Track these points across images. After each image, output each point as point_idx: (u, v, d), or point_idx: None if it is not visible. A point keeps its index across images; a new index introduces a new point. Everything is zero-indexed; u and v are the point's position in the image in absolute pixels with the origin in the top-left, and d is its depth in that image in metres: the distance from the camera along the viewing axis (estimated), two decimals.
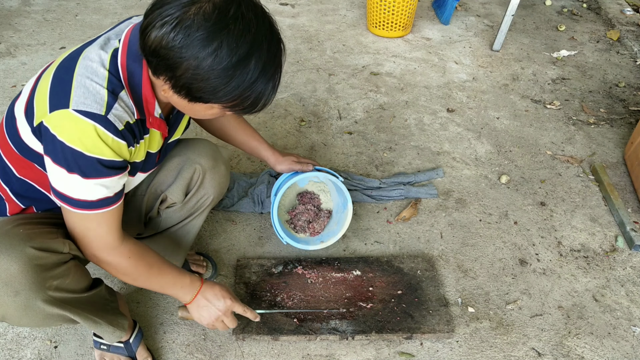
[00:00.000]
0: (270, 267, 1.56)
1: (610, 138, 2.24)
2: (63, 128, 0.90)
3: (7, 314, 0.98)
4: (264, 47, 0.90)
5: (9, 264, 0.93)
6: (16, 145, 1.03)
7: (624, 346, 1.46)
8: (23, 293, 0.95)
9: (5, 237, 0.96)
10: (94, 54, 0.96)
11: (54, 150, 0.92)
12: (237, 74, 0.88)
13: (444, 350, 1.42)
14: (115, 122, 0.94)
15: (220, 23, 0.85)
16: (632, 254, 1.73)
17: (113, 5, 3.12)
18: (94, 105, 0.91)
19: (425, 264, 1.60)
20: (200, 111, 1.00)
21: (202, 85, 0.89)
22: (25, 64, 2.52)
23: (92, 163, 0.93)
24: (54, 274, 0.99)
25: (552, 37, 3.02)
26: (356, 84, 2.51)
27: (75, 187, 0.95)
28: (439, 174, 1.99)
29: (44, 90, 0.94)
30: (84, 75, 0.93)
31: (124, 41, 0.98)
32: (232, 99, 0.92)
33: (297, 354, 1.39)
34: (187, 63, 0.86)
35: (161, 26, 0.85)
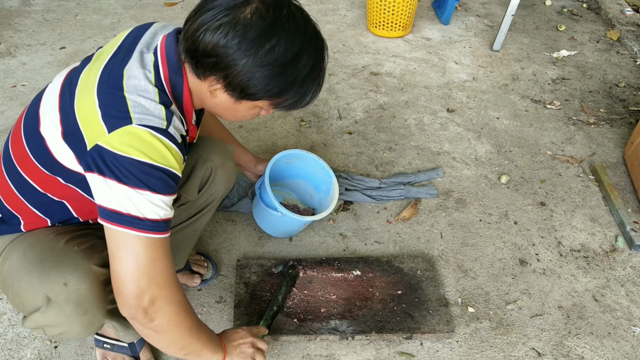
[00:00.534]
0: (270, 267, 1.56)
1: (610, 138, 2.24)
2: (128, 143, 0.87)
3: (70, 331, 1.01)
4: (312, 44, 0.95)
5: (78, 284, 0.95)
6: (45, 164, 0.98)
7: (624, 346, 1.46)
8: (91, 311, 0.99)
9: (67, 257, 0.97)
10: (137, 71, 0.93)
11: (115, 168, 0.86)
12: (291, 70, 0.93)
13: (444, 350, 1.42)
14: (175, 135, 0.93)
15: (277, 21, 0.89)
16: (632, 254, 1.73)
17: (113, 5, 3.13)
18: (155, 119, 0.90)
19: (425, 264, 1.60)
20: (242, 111, 1.01)
21: (257, 82, 0.92)
22: (25, 64, 2.52)
23: (160, 176, 0.89)
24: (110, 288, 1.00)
25: (552, 37, 3.02)
26: (356, 84, 2.51)
27: (143, 205, 0.88)
28: (439, 174, 1.99)
29: (90, 111, 0.89)
30: (135, 94, 0.90)
31: (161, 54, 0.97)
32: (282, 94, 0.96)
33: (297, 354, 1.39)
34: (245, 60, 0.89)
35: (217, 27, 0.88)
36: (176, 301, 0.96)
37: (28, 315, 1.02)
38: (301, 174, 1.73)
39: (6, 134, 2.07)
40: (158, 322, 0.95)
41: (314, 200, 1.75)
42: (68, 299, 0.96)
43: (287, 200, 1.79)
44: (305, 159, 1.65)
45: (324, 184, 1.68)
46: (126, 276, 0.90)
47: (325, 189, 1.67)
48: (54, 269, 0.97)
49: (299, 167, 1.71)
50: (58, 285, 0.96)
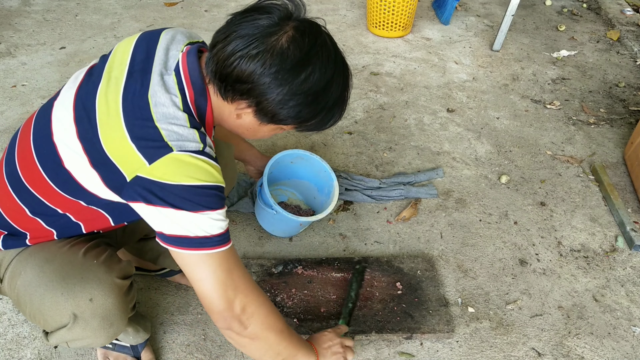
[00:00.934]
0: (270, 267, 1.56)
1: (610, 138, 2.24)
2: (176, 171, 0.87)
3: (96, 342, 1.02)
4: (341, 72, 0.96)
5: (104, 300, 0.96)
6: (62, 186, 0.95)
7: (624, 346, 1.46)
8: (116, 323, 1.00)
9: (89, 272, 0.98)
10: (163, 98, 0.91)
11: (169, 197, 0.86)
12: (322, 97, 0.93)
13: (444, 350, 1.42)
14: (211, 153, 0.94)
15: (312, 50, 0.90)
16: (632, 254, 1.73)
17: (113, 5, 3.13)
18: (192, 144, 0.89)
19: (425, 264, 1.60)
20: (264, 132, 1.02)
21: (290, 109, 0.92)
22: (25, 64, 2.52)
23: (213, 193, 0.90)
24: (130, 297, 1.03)
25: (552, 37, 3.02)
26: (356, 84, 2.51)
27: (207, 224, 0.90)
28: (439, 174, 1.99)
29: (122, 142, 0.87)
30: (167, 122, 0.89)
31: (185, 76, 0.95)
32: (309, 120, 0.97)
33: None
34: (281, 89, 0.89)
35: (254, 56, 0.87)
36: (264, 304, 0.99)
37: (52, 331, 1.03)
38: (306, 175, 1.73)
39: (6, 134, 2.07)
40: (252, 328, 0.97)
41: (317, 202, 1.74)
42: (94, 314, 0.97)
43: (290, 200, 1.79)
44: (309, 159, 1.65)
45: (326, 186, 1.68)
46: (212, 294, 0.93)
47: (327, 191, 1.67)
48: (78, 284, 0.97)
49: (304, 168, 1.70)
50: (84, 301, 0.97)
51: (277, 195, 1.79)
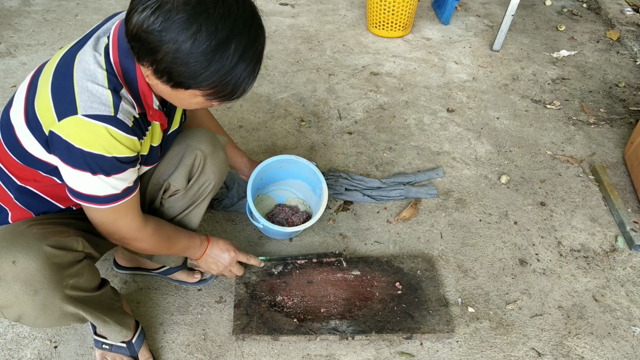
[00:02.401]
0: (270, 267, 1.56)
1: (610, 138, 2.24)
2: (77, 135, 0.92)
3: (25, 313, 0.99)
4: (244, 33, 0.90)
5: (27, 263, 0.94)
6: (18, 155, 1.03)
7: (624, 346, 1.46)
8: (42, 292, 0.96)
9: (21, 237, 0.97)
10: (88, 55, 0.96)
11: (72, 156, 0.94)
12: (216, 58, 0.89)
13: (444, 350, 1.42)
14: (125, 120, 0.96)
15: (200, 7, 0.86)
16: (632, 254, 1.73)
17: (113, 5, 3.13)
18: (101, 107, 0.93)
19: (425, 264, 1.60)
20: (184, 99, 1.00)
21: (181, 69, 0.90)
22: (25, 64, 2.52)
23: (111, 162, 0.97)
24: (70, 273, 1.01)
25: (552, 37, 3.02)
26: (356, 84, 2.51)
27: (100, 186, 0.99)
28: (439, 174, 1.99)
29: (45, 98, 0.94)
30: (84, 79, 0.93)
31: (112, 38, 0.99)
32: (211, 84, 0.93)
33: (297, 354, 1.39)
34: (167, 46, 0.87)
35: (142, 10, 0.87)
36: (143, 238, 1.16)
37: None
38: (298, 175, 1.73)
39: None
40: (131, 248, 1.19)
41: (313, 201, 1.74)
42: (16, 277, 0.94)
43: (289, 199, 1.79)
44: (296, 163, 1.63)
45: (317, 187, 1.66)
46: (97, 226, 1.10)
47: (319, 193, 1.65)
48: (5, 248, 0.96)
49: (294, 171, 1.70)
50: (7, 263, 0.94)
51: (276, 197, 1.79)
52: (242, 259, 1.44)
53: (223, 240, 1.40)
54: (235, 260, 1.42)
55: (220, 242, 1.39)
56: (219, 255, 1.39)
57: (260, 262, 1.50)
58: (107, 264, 1.57)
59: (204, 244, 1.36)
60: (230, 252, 1.40)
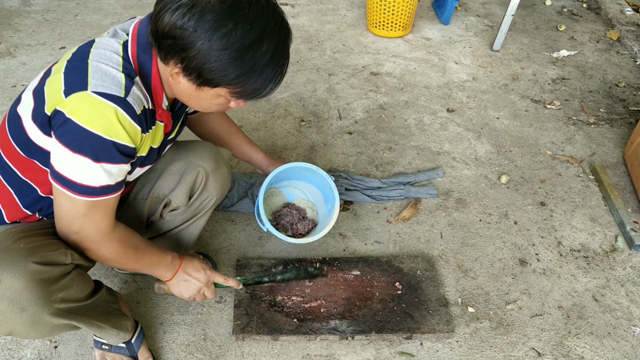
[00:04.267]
0: (270, 267, 1.56)
1: (610, 138, 2.24)
2: (81, 110, 0.90)
3: (15, 329, 0.98)
4: (275, 33, 0.93)
5: (12, 281, 0.93)
6: (21, 146, 1.02)
7: (624, 346, 1.46)
8: (29, 309, 0.95)
9: (7, 254, 0.95)
10: (105, 42, 0.97)
11: (66, 132, 0.91)
12: (248, 56, 0.91)
13: (444, 350, 1.42)
14: (134, 105, 0.95)
15: (235, 6, 0.88)
16: (632, 254, 1.73)
17: (113, 5, 3.13)
18: (113, 87, 0.92)
19: (425, 264, 1.60)
20: (205, 100, 1.01)
21: (213, 66, 0.91)
22: (25, 64, 2.52)
23: (106, 146, 0.92)
24: (58, 286, 0.99)
25: (552, 37, 3.02)
26: (356, 84, 2.51)
27: (82, 171, 0.94)
28: (439, 174, 1.99)
29: (57, 80, 0.94)
30: (98, 61, 0.94)
31: (132, 33, 1.00)
32: (241, 82, 0.95)
33: (297, 354, 1.39)
34: (201, 44, 0.89)
35: (176, 9, 0.88)
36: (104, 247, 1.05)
37: None
38: (314, 183, 1.71)
39: None
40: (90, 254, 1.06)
41: (321, 212, 1.71)
42: (2, 295, 0.93)
43: (300, 200, 1.77)
44: (315, 173, 1.60)
45: (330, 201, 1.64)
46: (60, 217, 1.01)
47: (330, 207, 1.63)
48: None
49: (311, 178, 1.69)
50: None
51: (287, 194, 1.76)
52: (218, 280, 1.27)
53: (198, 259, 1.26)
54: (211, 282, 1.26)
55: (194, 261, 1.24)
56: (194, 274, 1.22)
57: (239, 284, 1.31)
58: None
59: (175, 261, 1.20)
60: (206, 271, 1.24)
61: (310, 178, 1.69)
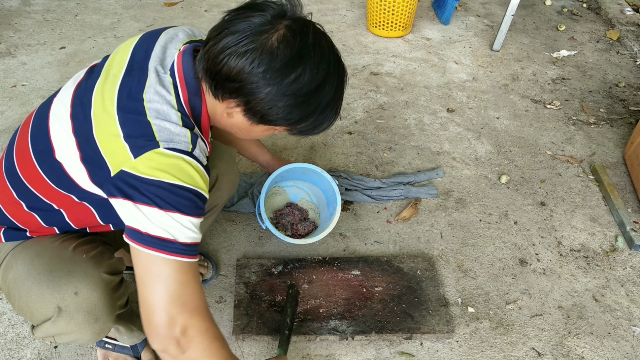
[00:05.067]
0: (270, 267, 1.56)
1: (610, 138, 2.24)
2: (156, 166, 0.85)
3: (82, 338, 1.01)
4: (335, 73, 0.94)
5: (89, 293, 0.95)
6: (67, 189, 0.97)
7: (624, 346, 1.46)
8: (102, 318, 0.98)
9: (77, 266, 0.97)
10: (158, 96, 0.90)
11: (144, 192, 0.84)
12: (314, 99, 0.92)
13: (444, 350, 1.42)
14: (200, 157, 0.92)
15: (303, 50, 0.88)
16: (632, 254, 1.73)
17: (113, 5, 3.13)
18: (181, 143, 0.88)
19: (425, 264, 1.60)
20: (257, 132, 1.01)
21: (279, 110, 0.91)
22: (25, 64, 2.52)
23: (190, 197, 0.87)
24: (119, 294, 1.02)
25: (552, 37, 3.02)
26: (356, 84, 2.51)
27: (174, 227, 0.86)
28: (439, 174, 1.99)
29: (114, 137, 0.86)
30: (159, 119, 0.88)
31: (179, 75, 0.94)
32: (301, 122, 0.96)
33: (297, 354, 1.39)
34: (270, 89, 0.88)
35: (243, 54, 0.86)
36: (209, 330, 0.91)
37: (38, 324, 1.02)
38: (318, 185, 1.71)
39: (6, 134, 2.07)
40: (191, 353, 0.88)
41: (323, 214, 1.71)
42: (79, 307, 0.96)
43: (303, 201, 1.77)
44: (320, 176, 1.60)
45: (332, 205, 1.64)
46: (156, 302, 0.85)
47: (331, 210, 1.63)
48: (65, 278, 0.96)
49: (315, 180, 1.68)
50: (69, 294, 0.96)
51: (291, 194, 1.76)
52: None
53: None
54: None
55: None
56: None
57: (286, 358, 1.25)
58: None
59: None
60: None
61: (315, 180, 1.69)
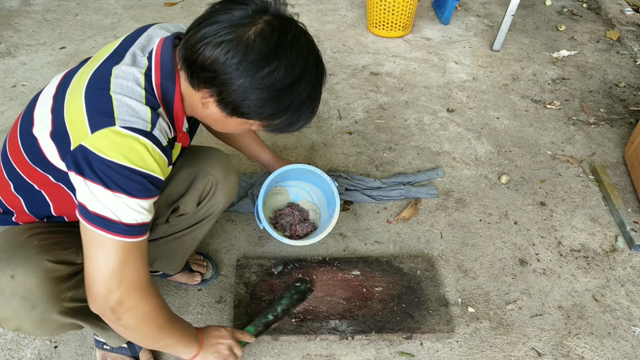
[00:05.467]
0: (270, 267, 1.56)
1: (610, 138, 2.24)
2: (111, 146, 0.86)
3: (23, 326, 0.99)
4: (313, 72, 0.94)
5: (26, 278, 0.94)
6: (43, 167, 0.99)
7: (624, 346, 1.46)
8: (40, 306, 0.96)
9: (21, 250, 0.96)
10: (126, 72, 0.92)
11: (95, 169, 0.86)
12: (287, 95, 0.92)
13: (444, 350, 1.42)
14: (160, 138, 0.92)
15: (280, 46, 0.88)
16: (632, 254, 1.73)
17: (113, 5, 3.13)
18: (139, 121, 0.89)
19: (425, 264, 1.60)
20: (232, 125, 1.01)
21: (251, 103, 0.91)
22: (25, 64, 2.52)
23: (139, 180, 0.88)
24: (68, 285, 0.99)
25: (552, 37, 3.02)
26: (356, 84, 2.51)
27: (119, 208, 0.88)
28: (439, 174, 1.99)
29: (77, 112, 0.89)
30: (122, 94, 0.90)
31: (155, 59, 0.96)
32: (275, 118, 0.95)
33: (297, 354, 1.39)
34: (242, 81, 0.88)
35: (219, 44, 0.87)
36: (146, 302, 0.95)
37: None
38: (319, 186, 1.70)
39: (6, 134, 2.07)
40: (126, 321, 0.94)
41: (324, 215, 1.70)
42: (14, 292, 0.94)
43: (304, 201, 1.76)
44: (319, 177, 1.59)
45: (331, 207, 1.63)
46: (96, 275, 0.90)
47: (331, 212, 1.62)
48: (5, 261, 0.95)
49: (315, 181, 1.68)
50: (5, 277, 0.94)
51: (292, 193, 1.75)
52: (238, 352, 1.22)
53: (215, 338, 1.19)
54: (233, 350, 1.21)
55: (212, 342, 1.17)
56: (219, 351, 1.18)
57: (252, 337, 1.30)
58: None
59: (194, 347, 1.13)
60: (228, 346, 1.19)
61: (315, 181, 1.69)
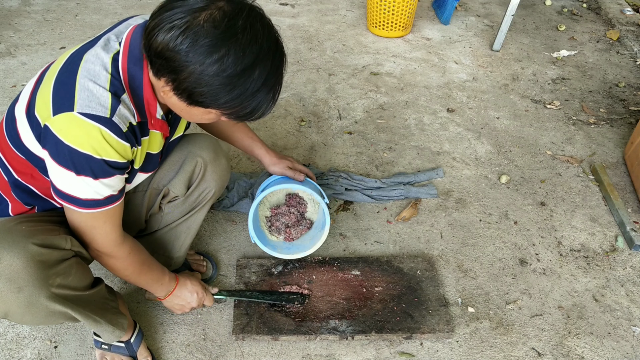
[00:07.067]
0: (270, 267, 1.56)
1: (610, 138, 2.24)
2: (69, 132, 0.91)
3: (10, 310, 0.98)
4: (268, 59, 0.92)
5: (12, 260, 0.94)
6: (17, 147, 1.03)
7: (624, 346, 1.46)
8: (26, 289, 0.96)
9: (8, 234, 0.97)
10: (95, 57, 0.97)
11: (59, 153, 0.93)
12: (240, 82, 0.91)
13: (444, 350, 1.42)
14: (120, 124, 0.95)
15: (229, 31, 0.87)
16: (632, 254, 1.73)
17: (113, 5, 3.13)
18: (98, 107, 0.93)
19: (425, 264, 1.60)
20: (197, 115, 1.01)
21: (204, 90, 0.91)
22: (25, 64, 2.52)
23: (99, 165, 0.95)
24: (57, 271, 1.00)
25: (552, 37, 3.02)
26: (356, 84, 2.51)
27: (83, 188, 0.97)
28: (439, 174, 1.99)
29: (47, 92, 0.95)
30: (86, 78, 0.94)
31: (124, 44, 0.99)
32: (232, 106, 0.94)
33: (297, 354, 1.39)
34: (192, 67, 0.88)
35: (169, 29, 0.87)
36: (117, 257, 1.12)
37: None
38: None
39: None
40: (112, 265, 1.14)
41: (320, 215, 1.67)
42: (0, 274, 0.94)
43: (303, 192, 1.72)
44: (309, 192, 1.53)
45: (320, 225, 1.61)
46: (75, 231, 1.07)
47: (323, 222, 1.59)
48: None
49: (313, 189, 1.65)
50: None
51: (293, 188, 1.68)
52: (208, 303, 1.40)
53: (190, 281, 1.34)
54: (202, 302, 1.37)
55: (187, 284, 1.33)
56: (187, 297, 1.33)
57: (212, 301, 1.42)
58: None
59: (172, 283, 1.30)
60: (199, 293, 1.35)
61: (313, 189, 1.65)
